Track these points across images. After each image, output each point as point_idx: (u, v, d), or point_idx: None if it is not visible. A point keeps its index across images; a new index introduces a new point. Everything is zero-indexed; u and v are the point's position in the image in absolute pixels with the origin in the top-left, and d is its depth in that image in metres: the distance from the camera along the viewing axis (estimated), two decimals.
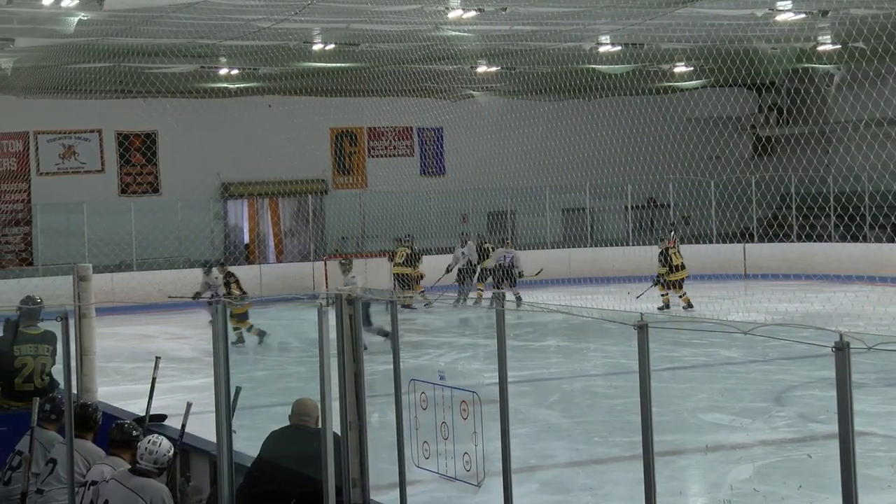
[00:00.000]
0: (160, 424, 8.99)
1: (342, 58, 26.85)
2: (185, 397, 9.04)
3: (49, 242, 31.65)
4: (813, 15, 22.75)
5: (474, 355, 18.79)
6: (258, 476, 7.12)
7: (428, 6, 20.52)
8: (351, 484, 6.52)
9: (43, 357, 10.17)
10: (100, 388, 10.49)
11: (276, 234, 35.62)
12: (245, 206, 35.22)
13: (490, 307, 24.71)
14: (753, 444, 11.76)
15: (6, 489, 8.55)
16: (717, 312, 22.78)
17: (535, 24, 23.42)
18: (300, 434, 7.16)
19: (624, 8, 21.59)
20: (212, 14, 20.66)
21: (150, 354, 14.10)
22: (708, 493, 10.20)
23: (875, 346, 4.11)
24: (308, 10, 20.53)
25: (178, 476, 7.82)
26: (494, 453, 5.71)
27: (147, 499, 6.91)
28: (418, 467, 6.27)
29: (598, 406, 14.49)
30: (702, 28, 23.51)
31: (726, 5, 21.64)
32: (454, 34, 23.71)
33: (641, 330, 4.86)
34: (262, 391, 15.91)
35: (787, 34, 24.45)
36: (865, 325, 19.45)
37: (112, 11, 19.77)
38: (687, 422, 12.84)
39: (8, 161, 32.21)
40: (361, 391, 6.55)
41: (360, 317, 6.58)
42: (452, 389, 5.94)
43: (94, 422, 8.33)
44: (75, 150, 32.99)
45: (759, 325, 4.68)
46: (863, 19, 23.23)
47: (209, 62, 27.10)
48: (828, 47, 27.15)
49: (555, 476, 10.82)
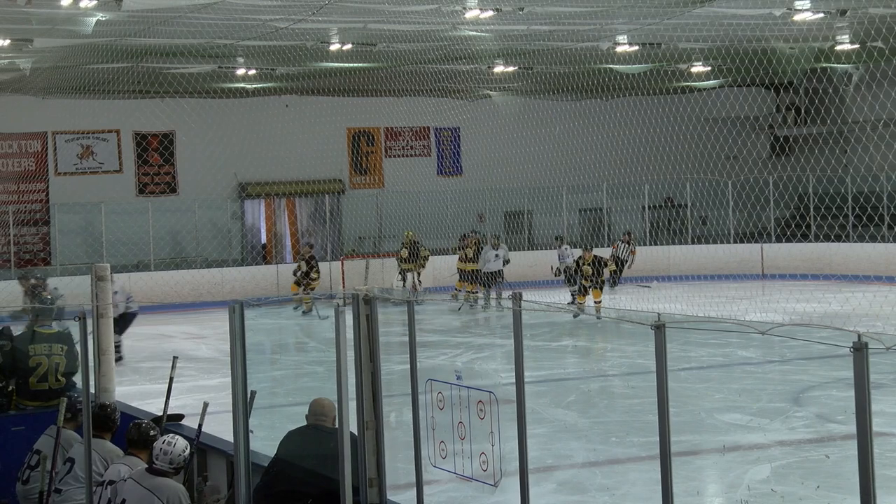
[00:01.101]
0: (177, 424, 9.01)
1: (359, 58, 26.86)
2: (203, 397, 9.06)
3: (67, 242, 31.77)
4: (831, 14, 22.66)
5: (491, 355, 18.79)
6: (275, 476, 7.12)
7: (445, 6, 20.51)
8: (368, 483, 6.52)
9: (57, 356, 10.19)
10: (117, 388, 10.52)
11: (293, 234, 35.66)
12: (262, 206, 35.27)
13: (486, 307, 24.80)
14: (771, 444, 11.73)
15: (24, 488, 8.59)
16: (734, 312, 22.72)
17: (553, 23, 23.39)
18: (317, 434, 7.17)
19: (641, 7, 21.55)
20: (229, 14, 20.68)
21: (167, 354, 14.16)
22: (725, 494, 10.17)
23: (893, 347, 4.09)
24: (325, 11, 20.54)
25: (195, 476, 7.84)
26: (511, 453, 5.70)
27: (163, 498, 6.93)
28: (435, 467, 6.27)
29: (615, 406, 14.47)
30: (719, 28, 23.45)
31: (744, 5, 21.56)
32: (471, 34, 23.69)
33: (659, 330, 4.85)
34: (280, 391, 15.94)
35: (805, 34, 24.36)
36: (884, 326, 19.40)
37: (130, 12, 19.81)
38: (704, 422, 12.81)
39: (26, 161, 32.32)
40: (378, 391, 6.55)
41: (376, 317, 6.58)
42: (469, 389, 5.94)
43: (113, 422, 8.36)
44: (93, 151, 33.09)
45: (776, 326, 4.67)
46: (881, 18, 23.14)
47: (227, 62, 27.14)
48: (846, 47, 27.03)
49: (572, 476, 10.81)
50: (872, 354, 4.12)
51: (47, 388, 10.08)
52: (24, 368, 10.14)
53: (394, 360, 7.49)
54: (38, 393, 10.07)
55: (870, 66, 30.17)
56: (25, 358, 10.16)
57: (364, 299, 6.50)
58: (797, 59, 27.32)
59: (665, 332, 4.85)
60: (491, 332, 23.68)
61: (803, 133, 35.35)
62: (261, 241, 35.26)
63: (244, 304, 7.22)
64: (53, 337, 10.31)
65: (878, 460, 4.26)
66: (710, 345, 18.29)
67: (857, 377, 4.15)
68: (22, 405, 10.14)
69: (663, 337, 4.86)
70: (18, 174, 32.12)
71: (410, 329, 6.49)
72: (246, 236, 34.86)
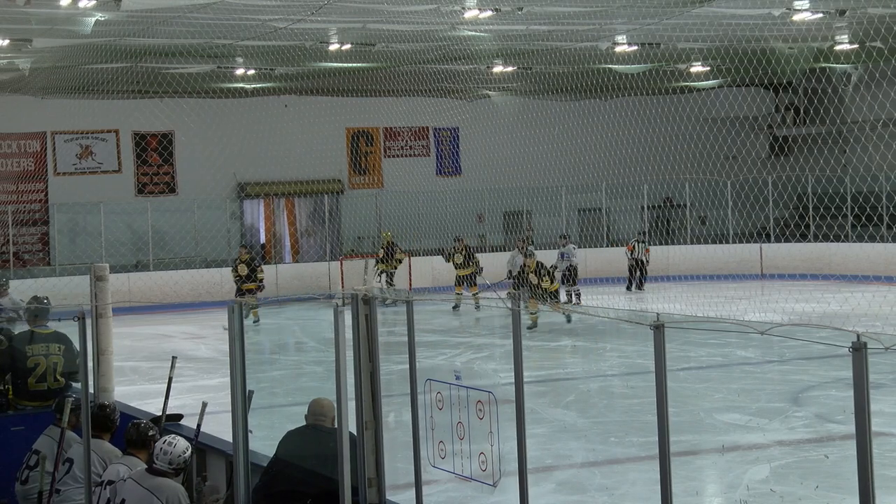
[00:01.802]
0: (177, 424, 9.00)
1: (358, 58, 26.86)
2: (202, 397, 9.06)
3: (66, 242, 31.77)
4: (830, 14, 22.66)
5: (490, 355, 18.78)
6: (274, 476, 7.12)
7: (444, 6, 20.51)
8: (367, 483, 6.52)
9: (55, 356, 10.19)
10: (116, 388, 10.51)
11: (293, 234, 35.66)
12: (261, 206, 35.28)
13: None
14: (770, 444, 11.73)
15: (24, 488, 8.59)
16: (733, 312, 22.73)
17: (552, 23, 23.39)
18: (316, 434, 7.17)
19: (640, 7, 21.55)
20: (228, 14, 20.68)
21: (166, 354, 14.14)
22: (724, 494, 10.17)
23: (892, 347, 4.09)
24: (324, 11, 20.54)
25: (194, 476, 7.83)
26: (510, 453, 5.70)
27: (163, 498, 6.93)
28: (434, 467, 6.27)
29: (614, 406, 14.47)
30: (718, 28, 23.45)
31: (743, 5, 21.57)
32: (470, 34, 23.69)
33: (658, 330, 4.85)
34: (279, 391, 15.94)
35: (804, 34, 24.36)
36: (883, 326, 19.40)
37: (129, 12, 19.81)
38: (703, 422, 12.81)
39: (25, 161, 32.32)
40: (377, 391, 6.55)
41: (376, 317, 6.58)
42: (468, 389, 5.94)
43: (112, 422, 8.36)
44: (92, 151, 33.09)
45: (775, 326, 4.66)
46: (880, 18, 23.15)
47: (226, 62, 27.14)
48: (845, 47, 27.04)
49: (571, 476, 10.81)
50: (871, 354, 4.12)
51: (46, 388, 10.08)
52: (22, 369, 10.13)
53: (393, 360, 7.49)
54: (37, 393, 10.07)
55: (869, 66, 30.18)
56: (24, 358, 10.16)
57: (363, 299, 6.50)
58: (796, 59, 27.32)
59: (664, 332, 4.85)
60: (490, 332, 23.67)
61: (802, 133, 35.36)
62: (260, 241, 35.26)
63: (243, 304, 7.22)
64: (51, 337, 10.30)
65: (878, 460, 4.26)
66: (709, 345, 18.29)
67: (856, 377, 4.15)
68: (21, 406, 10.14)
69: (662, 337, 4.86)
70: (17, 174, 32.12)
71: (409, 329, 6.49)
72: (245, 236, 34.86)
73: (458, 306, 25.44)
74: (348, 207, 35.26)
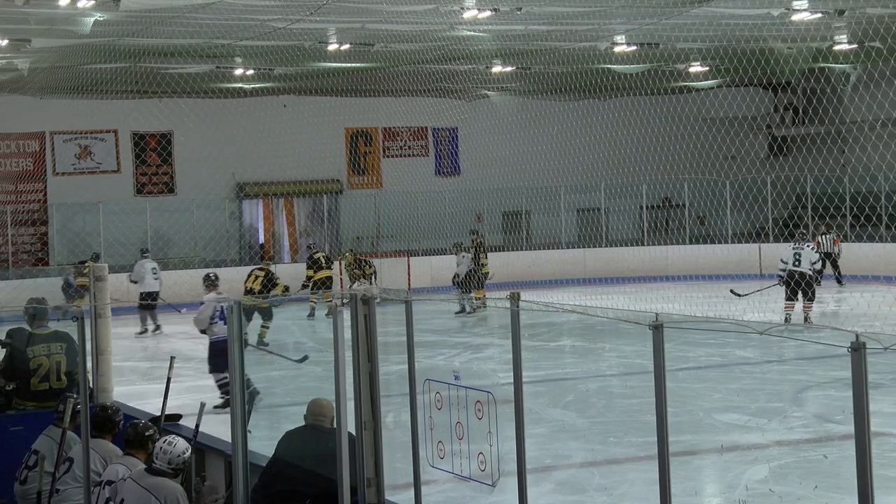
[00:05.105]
0: (175, 424, 9.01)
1: (357, 58, 26.86)
2: (200, 397, 9.06)
3: (65, 242, 31.75)
4: (829, 14, 22.67)
5: (489, 355, 18.78)
6: (273, 476, 7.12)
7: (443, 6, 20.51)
8: (366, 484, 6.52)
9: (57, 355, 10.18)
10: (115, 388, 10.52)
11: (291, 234, 35.67)
12: (260, 206, 35.29)
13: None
14: (769, 444, 11.73)
15: (23, 488, 8.59)
16: (732, 312, 22.71)
17: (551, 23, 23.39)
18: (315, 434, 7.17)
19: (639, 8, 21.54)
20: (227, 14, 20.68)
21: (165, 354, 14.15)
22: (723, 494, 10.17)
23: (891, 347, 4.09)
24: (323, 11, 20.55)
25: (192, 475, 7.83)
26: (509, 453, 5.70)
27: (161, 498, 6.93)
28: (433, 467, 6.27)
29: (613, 406, 14.47)
30: (717, 28, 23.45)
31: (742, 5, 21.57)
32: (469, 34, 23.70)
33: (656, 330, 4.85)
34: (278, 391, 15.93)
35: (802, 34, 24.36)
36: (881, 326, 19.39)
37: (128, 12, 19.81)
38: (702, 422, 12.81)
39: (24, 161, 32.32)
40: (376, 391, 6.55)
41: (374, 317, 6.58)
42: (467, 389, 5.94)
43: (114, 423, 8.36)
44: (91, 151, 33.09)
45: (774, 326, 4.67)
46: (879, 18, 23.15)
47: (224, 62, 27.14)
48: (844, 47, 27.05)
49: (570, 476, 10.81)
50: (870, 354, 4.12)
51: (48, 387, 10.07)
52: (24, 370, 10.13)
53: (392, 360, 7.49)
54: (39, 394, 10.05)
55: (868, 66, 30.20)
56: (26, 359, 10.15)
57: (362, 299, 6.50)
58: (795, 59, 27.33)
59: (663, 332, 4.85)
60: (489, 332, 23.66)
61: (801, 133, 35.38)
62: (259, 241, 35.26)
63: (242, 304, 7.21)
64: (52, 336, 10.29)
65: (877, 460, 4.27)
66: (708, 345, 18.28)
67: (854, 377, 4.15)
68: (22, 406, 10.13)
69: (661, 337, 4.86)
70: (16, 174, 32.12)
71: (408, 329, 6.49)
72: (244, 236, 34.86)
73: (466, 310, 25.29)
74: (347, 207, 35.25)
